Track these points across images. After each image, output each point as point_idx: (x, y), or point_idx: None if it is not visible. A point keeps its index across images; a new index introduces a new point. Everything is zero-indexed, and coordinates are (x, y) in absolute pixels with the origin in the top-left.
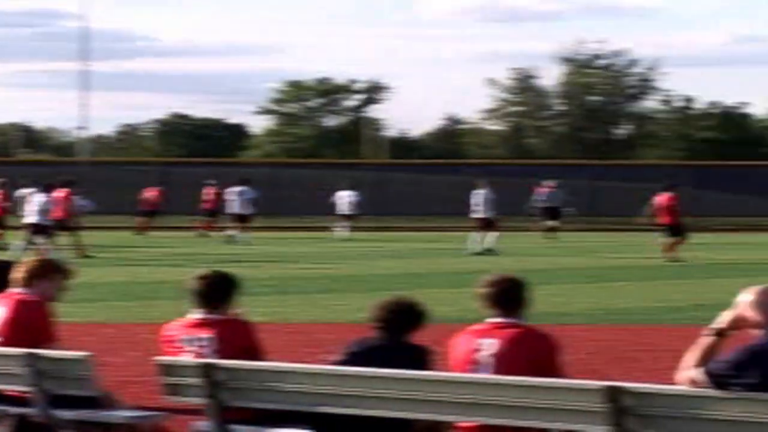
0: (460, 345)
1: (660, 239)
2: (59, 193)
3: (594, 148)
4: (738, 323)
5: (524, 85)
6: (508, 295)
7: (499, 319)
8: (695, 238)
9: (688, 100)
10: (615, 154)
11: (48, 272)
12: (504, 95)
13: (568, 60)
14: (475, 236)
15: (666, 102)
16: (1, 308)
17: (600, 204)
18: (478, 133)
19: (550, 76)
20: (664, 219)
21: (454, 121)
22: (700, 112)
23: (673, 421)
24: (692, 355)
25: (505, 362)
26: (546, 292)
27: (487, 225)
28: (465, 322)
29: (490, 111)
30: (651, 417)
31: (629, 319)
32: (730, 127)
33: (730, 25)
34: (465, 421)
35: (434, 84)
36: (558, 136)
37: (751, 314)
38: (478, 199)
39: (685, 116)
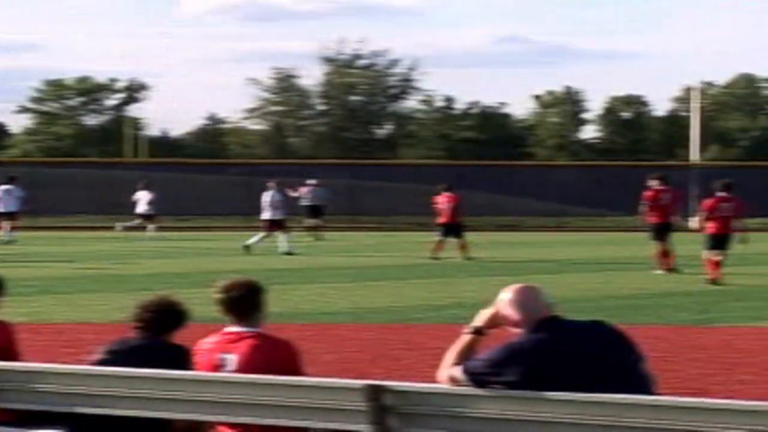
0: (202, 359)
1: (437, 238)
2: None
3: (355, 147)
4: (497, 321)
5: (285, 85)
6: (242, 302)
7: (235, 329)
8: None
9: (449, 100)
10: (376, 153)
11: None
12: (265, 95)
13: (329, 60)
14: (259, 236)
15: (426, 102)
16: None
17: (360, 203)
18: (240, 132)
19: (311, 76)
20: (443, 219)
21: (216, 120)
22: (460, 112)
23: (435, 419)
24: (452, 354)
25: None
26: (309, 291)
27: (275, 226)
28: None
29: (252, 110)
30: (412, 415)
31: (391, 317)
32: (489, 127)
33: (491, 26)
34: (226, 420)
35: (195, 83)
36: (319, 136)
37: (510, 312)
38: (266, 200)
39: (445, 116)
